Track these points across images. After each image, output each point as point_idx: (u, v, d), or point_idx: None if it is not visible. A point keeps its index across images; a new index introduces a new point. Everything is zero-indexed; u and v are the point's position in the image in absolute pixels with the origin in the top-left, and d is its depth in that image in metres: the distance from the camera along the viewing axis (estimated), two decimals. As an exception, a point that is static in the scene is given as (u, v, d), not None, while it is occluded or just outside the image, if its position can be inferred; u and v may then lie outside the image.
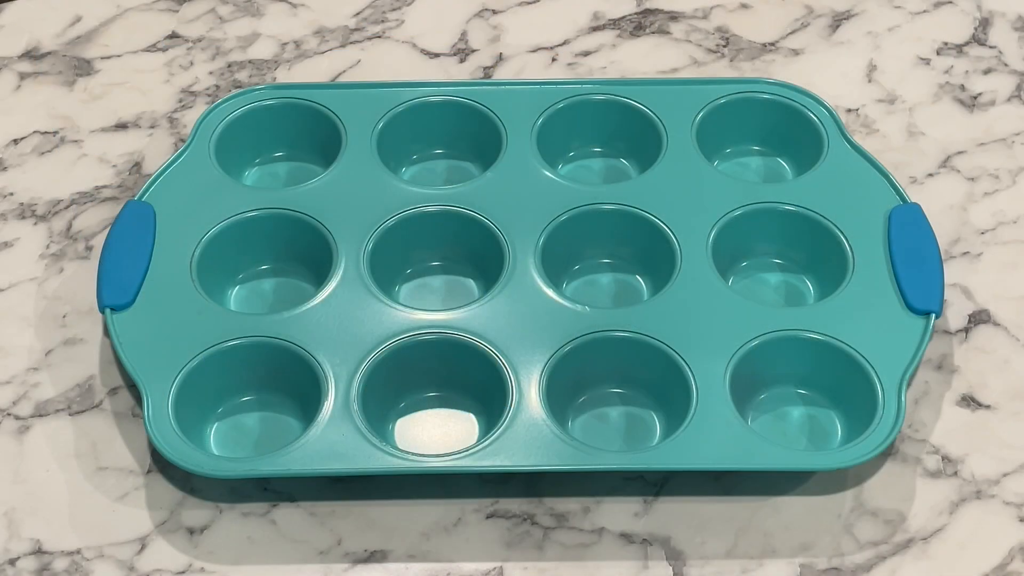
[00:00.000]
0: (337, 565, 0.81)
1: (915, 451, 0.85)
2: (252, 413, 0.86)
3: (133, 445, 0.85)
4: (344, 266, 0.89)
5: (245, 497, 0.83)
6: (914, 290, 0.87)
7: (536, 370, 0.84)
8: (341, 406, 0.82)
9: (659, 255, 0.90)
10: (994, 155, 0.99)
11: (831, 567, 0.80)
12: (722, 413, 0.82)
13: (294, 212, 0.91)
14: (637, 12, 1.07)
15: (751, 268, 0.92)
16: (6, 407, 0.87)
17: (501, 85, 0.99)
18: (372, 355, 0.84)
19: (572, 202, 0.91)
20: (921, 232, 0.90)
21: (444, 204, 0.92)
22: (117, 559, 0.81)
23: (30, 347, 0.89)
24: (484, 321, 0.86)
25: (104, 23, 1.07)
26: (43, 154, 0.99)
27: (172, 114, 1.01)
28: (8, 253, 0.94)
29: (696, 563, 0.81)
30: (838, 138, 0.95)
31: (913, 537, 0.82)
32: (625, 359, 0.86)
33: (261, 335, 0.85)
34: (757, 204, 0.92)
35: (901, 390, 0.83)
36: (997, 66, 1.03)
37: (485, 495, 0.83)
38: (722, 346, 0.85)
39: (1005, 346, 0.89)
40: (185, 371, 0.84)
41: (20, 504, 0.83)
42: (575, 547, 0.81)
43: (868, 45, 1.05)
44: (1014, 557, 0.81)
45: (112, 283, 0.87)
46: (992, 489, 0.83)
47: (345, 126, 0.95)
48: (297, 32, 1.06)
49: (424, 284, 0.92)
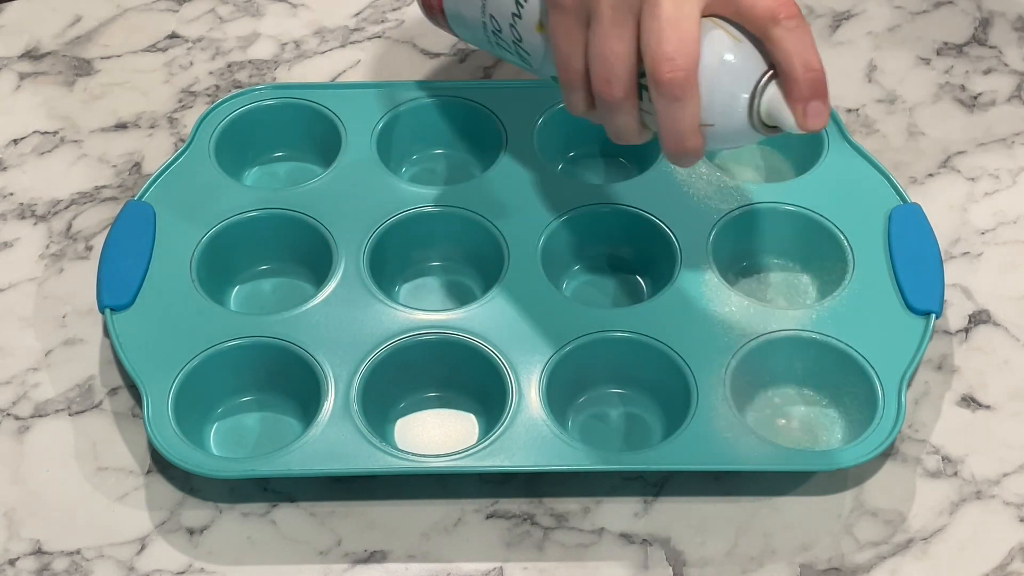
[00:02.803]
0: (337, 565, 0.81)
1: (915, 451, 0.85)
2: (252, 413, 0.86)
3: (133, 445, 0.85)
4: (344, 266, 0.89)
5: (245, 497, 0.83)
6: (914, 290, 0.87)
7: (536, 370, 0.84)
8: (341, 406, 0.83)
9: (659, 255, 0.90)
10: (994, 155, 0.99)
11: (831, 567, 0.80)
12: (722, 413, 0.82)
13: (294, 212, 0.91)
14: (637, 12, 1.07)
15: (751, 268, 0.92)
16: (6, 407, 0.87)
17: (501, 85, 0.99)
18: (372, 355, 0.84)
19: (572, 202, 0.91)
20: (921, 232, 0.90)
21: (444, 204, 0.92)
22: (117, 559, 0.81)
23: (30, 347, 0.89)
24: (484, 321, 0.86)
25: (104, 23, 1.07)
26: (43, 154, 0.99)
27: (172, 114, 1.01)
28: (8, 253, 0.94)
29: (696, 563, 0.81)
30: (838, 138, 0.95)
31: (913, 537, 0.82)
32: (625, 359, 0.86)
33: (261, 335, 0.85)
34: (757, 204, 0.92)
35: (901, 390, 0.83)
36: (997, 66, 1.03)
37: (485, 495, 0.83)
38: (722, 346, 0.85)
39: (1005, 346, 0.89)
40: (185, 371, 0.84)
41: (20, 504, 0.83)
42: (575, 547, 0.81)
43: (868, 45, 1.05)
44: (1014, 557, 0.81)
45: (112, 283, 0.87)
46: (992, 489, 0.83)
47: (345, 126, 0.95)
48: (297, 32, 1.06)
49: (424, 284, 0.92)
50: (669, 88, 0.73)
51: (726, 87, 0.74)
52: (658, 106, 0.74)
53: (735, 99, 0.74)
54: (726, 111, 0.74)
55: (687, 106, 0.74)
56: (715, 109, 0.74)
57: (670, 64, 0.73)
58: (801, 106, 0.73)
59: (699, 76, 0.73)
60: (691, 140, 0.75)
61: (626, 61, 0.75)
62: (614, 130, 0.78)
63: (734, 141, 0.77)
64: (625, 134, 0.78)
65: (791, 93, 0.73)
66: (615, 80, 0.75)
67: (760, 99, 0.74)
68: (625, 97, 0.76)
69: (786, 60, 0.73)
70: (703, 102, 0.74)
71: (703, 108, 0.74)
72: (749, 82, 0.74)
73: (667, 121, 0.74)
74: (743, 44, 0.74)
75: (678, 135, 0.75)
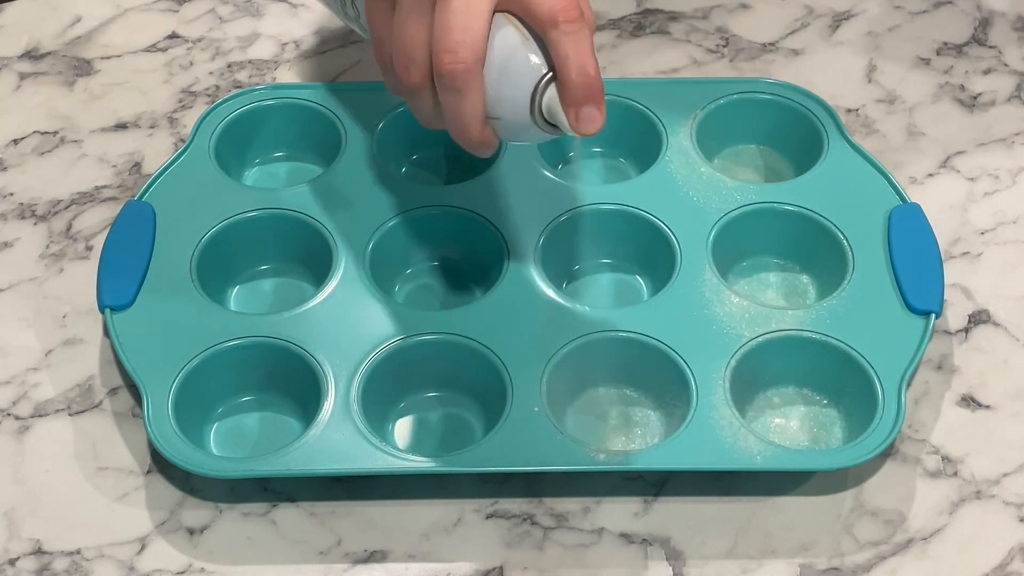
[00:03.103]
0: (337, 565, 0.81)
1: (915, 451, 0.85)
2: (252, 413, 0.86)
3: (133, 445, 0.85)
4: (344, 266, 0.89)
5: (245, 497, 0.83)
6: (914, 290, 0.87)
7: (536, 370, 0.84)
8: (341, 406, 0.83)
9: (659, 255, 0.90)
10: (994, 155, 0.99)
11: (831, 567, 0.80)
12: (722, 413, 0.82)
13: (294, 212, 0.91)
14: (637, 12, 1.07)
15: (751, 268, 0.92)
16: (6, 407, 0.87)
17: (501, 85, 0.99)
18: (372, 355, 0.84)
19: (572, 202, 0.91)
20: (921, 232, 0.90)
21: (444, 204, 0.92)
22: (117, 559, 0.81)
23: (30, 347, 0.89)
24: (484, 321, 0.86)
25: (104, 23, 1.07)
26: (43, 154, 0.99)
27: (172, 114, 1.01)
28: (8, 253, 0.94)
29: (696, 563, 0.81)
30: (838, 138, 0.95)
31: (913, 537, 0.82)
32: (625, 359, 0.86)
33: (261, 335, 0.85)
34: (757, 204, 0.92)
35: (901, 390, 0.83)
36: (997, 66, 1.03)
37: (485, 495, 0.83)
38: (722, 346, 0.85)
39: (1005, 346, 0.89)
40: (185, 371, 0.84)
41: (20, 504, 0.83)
42: (575, 547, 0.81)
43: (868, 45, 1.05)
44: (1014, 557, 0.81)
45: (112, 283, 0.87)
46: (992, 489, 0.83)
47: (345, 126, 0.95)
48: (297, 32, 1.06)
49: (424, 284, 0.92)
50: (450, 79, 0.74)
51: (511, 83, 0.75)
52: (440, 96, 0.76)
53: (518, 96, 0.75)
54: (512, 107, 0.76)
55: (468, 98, 0.75)
56: (502, 104, 0.76)
57: (451, 56, 0.74)
58: (574, 110, 0.74)
59: (487, 70, 0.75)
60: (475, 131, 0.76)
61: (423, 48, 0.76)
62: (417, 115, 0.80)
63: (524, 136, 0.78)
64: (425, 120, 0.80)
65: (564, 97, 0.74)
66: (412, 66, 0.76)
67: (540, 99, 0.75)
68: (422, 83, 0.77)
69: (561, 64, 0.74)
70: (492, 95, 0.75)
71: (492, 101, 0.76)
72: (531, 81, 0.75)
73: (449, 111, 0.76)
74: (530, 43, 0.75)
75: (460, 125, 0.76)
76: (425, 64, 0.76)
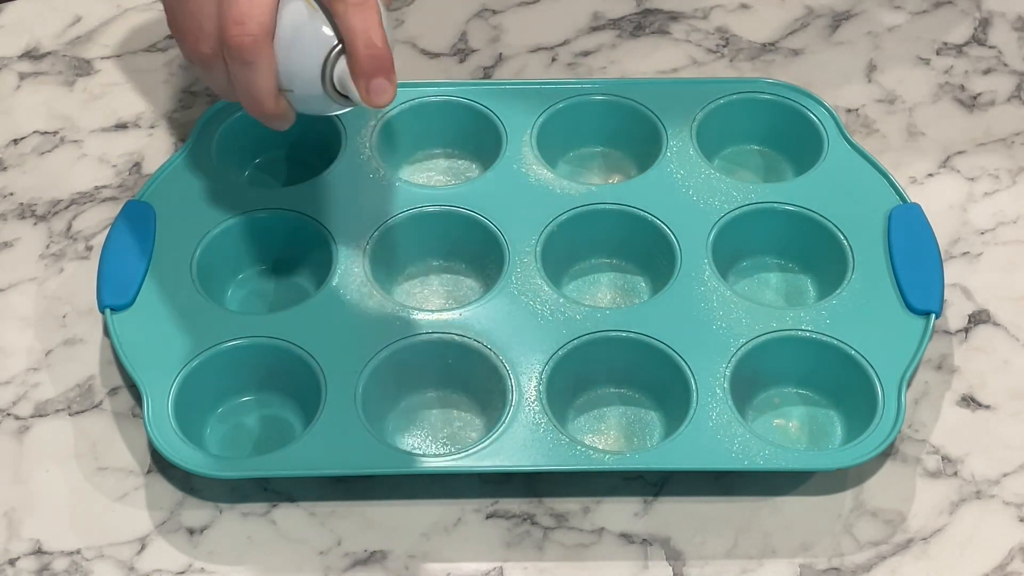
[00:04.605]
0: (337, 565, 0.81)
1: (915, 451, 0.85)
2: (252, 413, 0.86)
3: (133, 445, 0.85)
4: (344, 266, 0.89)
5: (245, 497, 0.83)
6: (914, 290, 0.87)
7: (536, 370, 0.84)
8: (341, 406, 0.82)
9: (659, 255, 0.90)
10: (994, 155, 0.99)
11: (831, 567, 0.80)
12: (722, 413, 0.82)
13: (294, 212, 0.91)
14: (637, 12, 1.07)
15: (751, 268, 0.92)
16: (6, 407, 0.87)
17: (501, 85, 0.99)
18: (372, 355, 0.84)
19: (572, 202, 0.91)
20: (921, 232, 0.90)
21: (444, 204, 0.92)
22: (117, 559, 0.81)
23: (30, 347, 0.89)
24: (484, 321, 0.86)
25: (104, 23, 1.06)
26: (43, 154, 0.99)
27: (172, 114, 1.01)
28: (8, 253, 0.94)
29: (696, 563, 0.81)
30: (838, 138, 0.95)
31: (913, 537, 0.82)
32: (625, 359, 0.86)
33: (261, 335, 0.85)
34: (757, 204, 0.92)
35: (901, 390, 0.83)
36: (997, 66, 1.03)
37: (485, 495, 0.83)
38: (722, 346, 0.85)
39: (1005, 346, 0.89)
40: (185, 371, 0.84)
41: (20, 504, 0.83)
42: (575, 547, 0.81)
43: (868, 45, 1.05)
44: (1014, 557, 0.81)
45: (112, 283, 0.87)
46: (992, 489, 0.83)
47: (345, 126, 0.95)
48: (297, 32, 1.06)
49: (424, 284, 0.92)
50: (237, 52, 0.75)
51: (301, 56, 0.76)
52: (230, 68, 0.76)
53: (309, 69, 0.76)
54: (303, 79, 0.77)
55: (257, 70, 0.76)
56: (293, 76, 0.77)
57: (239, 28, 0.75)
58: (364, 82, 0.75)
59: (277, 43, 0.76)
60: (268, 104, 0.77)
61: (211, 19, 0.76)
62: (212, 86, 0.80)
63: (318, 108, 0.79)
64: (220, 92, 0.80)
65: (354, 69, 0.75)
66: (201, 36, 0.77)
67: (331, 71, 0.76)
68: (213, 55, 0.77)
69: (349, 37, 0.75)
70: (283, 68, 0.76)
71: (284, 74, 0.77)
72: (321, 54, 0.76)
73: (240, 84, 0.77)
74: (319, 15, 0.76)
75: (253, 98, 0.77)
76: (214, 35, 0.77)
